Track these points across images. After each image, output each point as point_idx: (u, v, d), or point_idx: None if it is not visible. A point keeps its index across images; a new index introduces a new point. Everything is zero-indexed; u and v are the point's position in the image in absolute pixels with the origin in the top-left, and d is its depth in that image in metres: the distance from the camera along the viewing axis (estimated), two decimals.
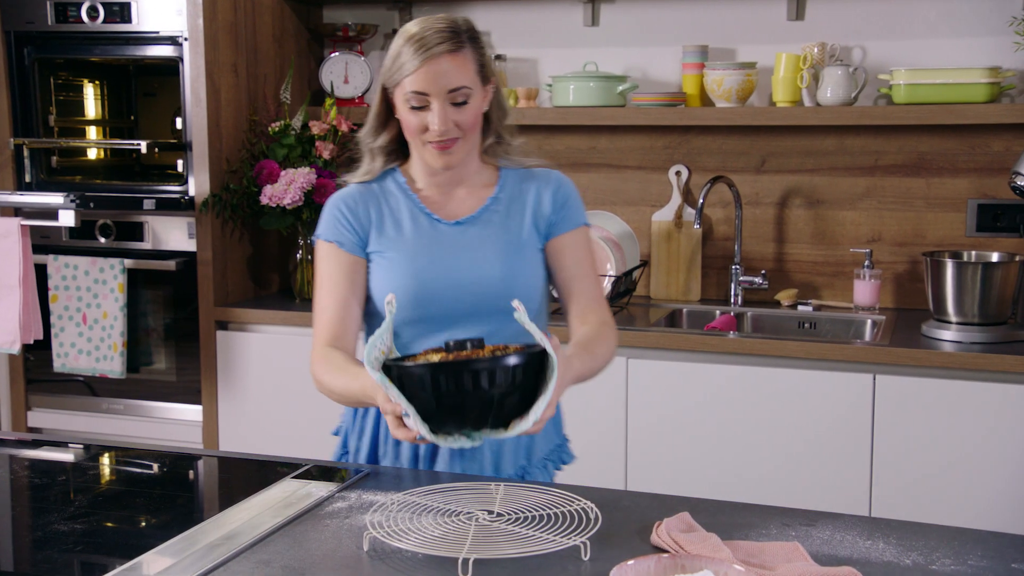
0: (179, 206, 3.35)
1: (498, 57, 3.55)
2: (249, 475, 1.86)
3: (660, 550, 1.47)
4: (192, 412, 3.42)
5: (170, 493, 1.76)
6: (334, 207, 1.94)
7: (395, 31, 3.63)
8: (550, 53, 3.57)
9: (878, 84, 3.24)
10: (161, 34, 3.34)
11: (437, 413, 1.53)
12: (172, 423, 3.45)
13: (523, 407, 1.56)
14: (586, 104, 3.33)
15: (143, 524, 1.59)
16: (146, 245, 3.44)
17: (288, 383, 3.26)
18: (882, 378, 2.75)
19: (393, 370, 1.56)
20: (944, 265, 2.87)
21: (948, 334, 2.84)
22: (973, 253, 3.01)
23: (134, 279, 3.44)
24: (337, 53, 3.59)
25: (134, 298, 3.46)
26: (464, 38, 1.83)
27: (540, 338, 1.57)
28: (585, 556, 1.45)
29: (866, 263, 3.20)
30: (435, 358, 1.55)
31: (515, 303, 1.62)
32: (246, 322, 3.32)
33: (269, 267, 3.62)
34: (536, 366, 1.56)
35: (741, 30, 3.38)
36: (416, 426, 1.54)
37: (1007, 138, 3.16)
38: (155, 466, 1.89)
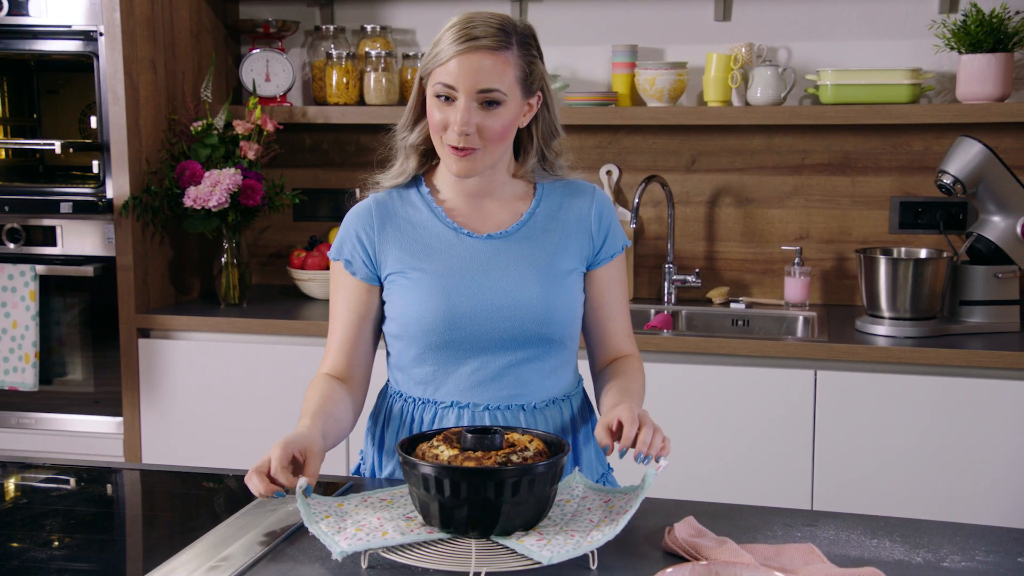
0: (96, 209, 3.19)
1: (424, 55, 3.49)
2: (226, 491, 1.77)
3: (674, 555, 1.45)
4: (111, 424, 3.27)
5: (148, 513, 1.67)
6: (349, 226, 1.80)
7: (317, 28, 3.56)
8: None
9: (804, 84, 3.30)
10: (73, 28, 3.18)
11: (440, 515, 1.43)
12: (89, 436, 3.29)
13: (534, 514, 1.46)
14: None
15: (129, 547, 1.50)
16: (58, 250, 3.28)
17: (216, 392, 3.15)
18: (823, 373, 2.79)
19: (400, 459, 1.46)
20: (877, 262, 2.94)
21: (882, 329, 2.91)
22: (903, 250, 3.08)
23: (46, 286, 3.28)
24: (258, 50, 3.48)
25: (46, 306, 3.29)
26: (513, 40, 1.67)
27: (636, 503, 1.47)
28: (593, 565, 1.42)
29: (796, 260, 3.25)
30: (446, 454, 1.46)
31: (658, 465, 1.48)
32: (170, 329, 3.20)
33: (190, 272, 3.49)
34: (551, 476, 1.45)
35: (669, 30, 3.40)
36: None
37: (927, 138, 3.25)
38: (121, 484, 1.79)
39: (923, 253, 3.04)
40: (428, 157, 1.80)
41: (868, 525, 1.56)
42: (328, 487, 1.73)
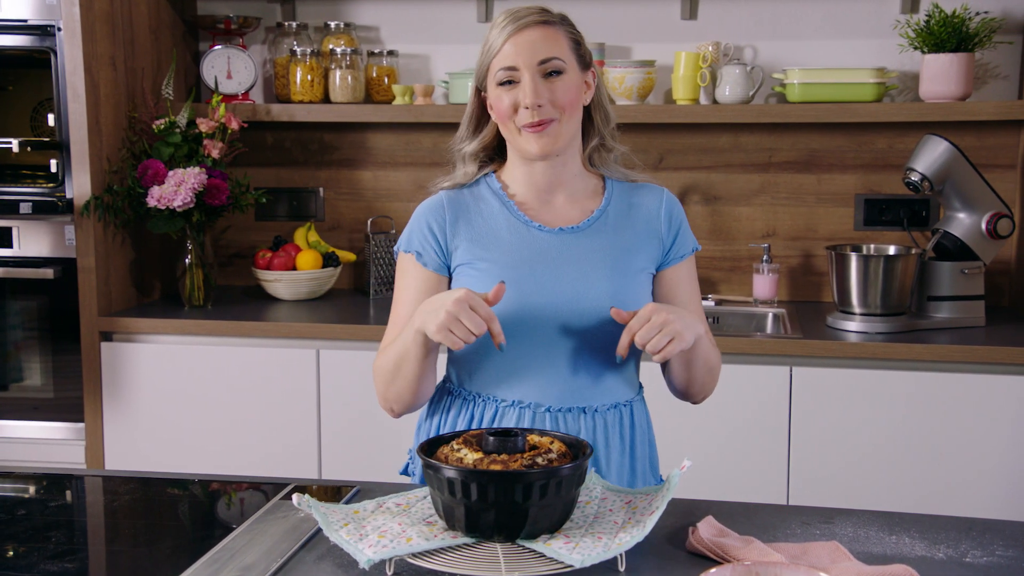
0: (55, 209, 3.11)
1: (390, 53, 3.45)
2: (230, 498, 1.73)
3: (699, 555, 1.44)
4: (72, 430, 3.18)
5: (157, 521, 1.61)
6: (420, 217, 1.79)
7: (279, 24, 3.50)
8: (443, 49, 3.50)
9: (771, 83, 3.33)
10: (30, 23, 3.09)
11: (466, 520, 1.41)
12: (47, 443, 3.20)
13: (560, 517, 1.44)
14: None
15: (144, 556, 1.45)
16: (14, 252, 3.18)
17: (182, 395, 3.08)
18: (798, 370, 2.82)
19: (421, 461, 1.43)
20: (848, 258, 2.97)
21: (853, 325, 2.94)
22: (872, 246, 3.12)
23: (1, 289, 3.18)
24: (219, 47, 3.41)
25: (2, 309, 3.19)
26: (556, 18, 1.74)
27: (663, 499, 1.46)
28: (621, 567, 1.41)
29: (764, 257, 3.28)
30: (470, 457, 1.43)
31: (683, 465, 1.48)
32: (134, 332, 3.12)
33: (151, 273, 3.41)
34: (576, 478, 1.43)
35: (636, 28, 3.40)
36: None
37: (890, 136, 3.30)
38: (119, 492, 1.71)
39: (892, 250, 3.08)
40: (487, 163, 1.83)
41: (884, 521, 1.57)
42: (331, 492, 1.70)
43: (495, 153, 1.83)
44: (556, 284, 1.72)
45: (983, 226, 3.01)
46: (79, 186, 3.08)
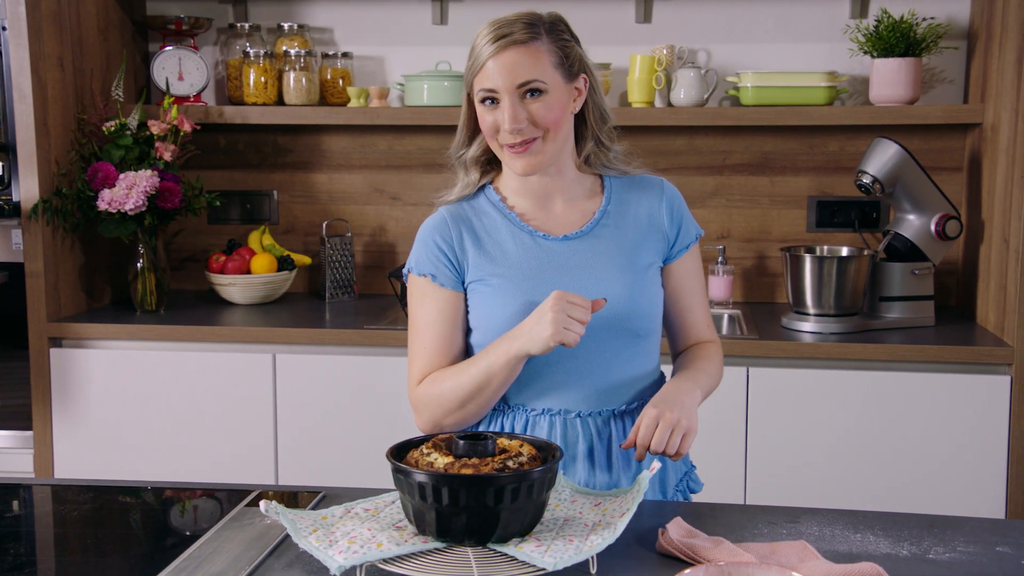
0: (1, 213, 3.04)
1: (345, 55, 3.43)
2: (183, 505, 1.70)
3: (669, 556, 1.45)
4: (20, 439, 3.12)
5: (116, 531, 1.58)
6: (427, 238, 1.76)
7: (231, 26, 3.47)
8: (397, 51, 3.48)
9: (724, 86, 3.35)
10: None
11: (437, 524, 1.40)
12: None
13: (531, 520, 1.44)
14: (440, 104, 3.27)
15: (108, 566, 1.42)
16: None
17: (135, 402, 3.03)
18: (755, 370, 2.84)
19: (391, 466, 1.43)
20: (802, 260, 3.01)
21: (808, 325, 2.97)
22: (826, 248, 3.15)
23: None
24: (170, 48, 3.37)
25: None
26: (541, 29, 1.68)
27: (634, 500, 1.47)
28: (593, 569, 1.41)
29: (719, 259, 3.31)
30: (441, 461, 1.42)
31: (654, 466, 1.49)
32: (84, 337, 3.06)
33: (102, 277, 3.35)
34: (547, 481, 1.43)
35: (590, 31, 3.37)
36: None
37: (841, 139, 3.34)
38: (77, 501, 1.68)
39: (845, 251, 3.12)
40: (489, 167, 1.81)
41: (849, 520, 1.59)
42: (296, 498, 1.68)
43: (495, 156, 1.79)
44: (568, 290, 1.69)
45: (932, 227, 3.05)
46: (26, 189, 3.02)
